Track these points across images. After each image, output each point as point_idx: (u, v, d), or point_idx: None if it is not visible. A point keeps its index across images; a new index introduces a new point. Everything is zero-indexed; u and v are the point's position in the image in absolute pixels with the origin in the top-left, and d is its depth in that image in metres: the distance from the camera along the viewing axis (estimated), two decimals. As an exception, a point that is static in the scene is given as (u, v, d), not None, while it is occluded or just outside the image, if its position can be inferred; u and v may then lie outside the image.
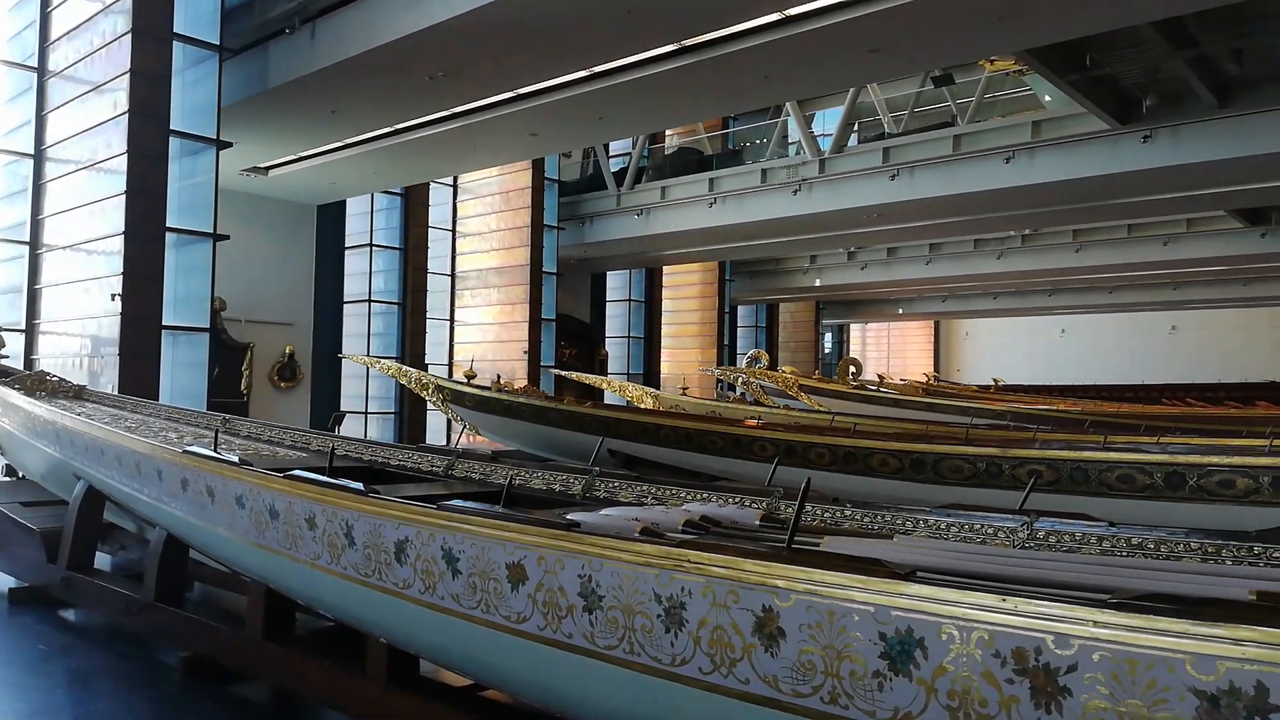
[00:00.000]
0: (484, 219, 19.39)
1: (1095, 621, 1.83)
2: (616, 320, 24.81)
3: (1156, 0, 8.58)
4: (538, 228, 18.76)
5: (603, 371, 22.03)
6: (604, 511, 3.38)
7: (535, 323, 18.55)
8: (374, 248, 17.39)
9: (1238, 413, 12.56)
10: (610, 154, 21.57)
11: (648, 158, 21.39)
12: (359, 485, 3.41)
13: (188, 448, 4.46)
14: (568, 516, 3.09)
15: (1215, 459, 5.96)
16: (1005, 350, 36.91)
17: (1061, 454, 6.59)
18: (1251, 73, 11.72)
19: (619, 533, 2.71)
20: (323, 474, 3.73)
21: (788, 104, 17.69)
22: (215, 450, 4.47)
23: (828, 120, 18.94)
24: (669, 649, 2.43)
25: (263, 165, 14.64)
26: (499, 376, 12.05)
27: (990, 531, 3.40)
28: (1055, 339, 35.62)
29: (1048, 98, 13.40)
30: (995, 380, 21.18)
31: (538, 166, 18.78)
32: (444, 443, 17.12)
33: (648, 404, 13.09)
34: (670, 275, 26.03)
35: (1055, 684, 1.86)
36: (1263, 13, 10.30)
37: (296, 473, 3.72)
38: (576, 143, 18.00)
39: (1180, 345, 32.53)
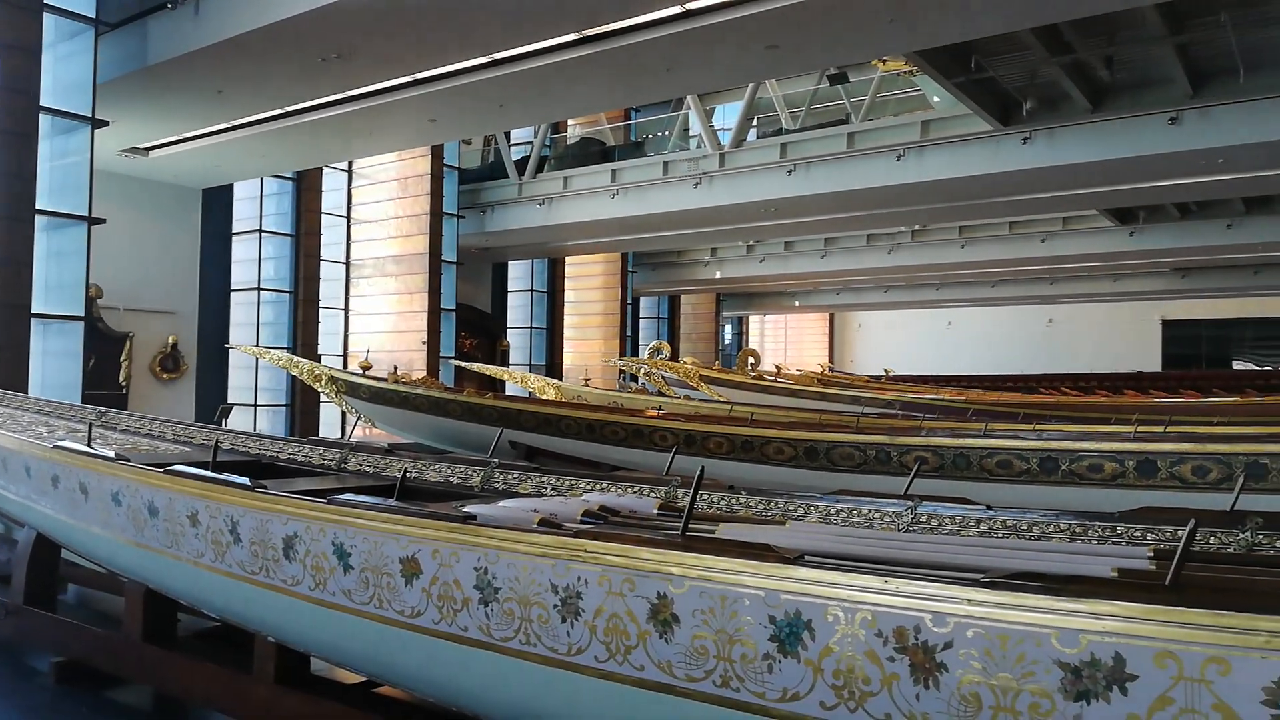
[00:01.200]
0: (381, 206, 18.92)
1: (969, 600, 1.92)
2: (518, 311, 24.61)
3: (1036, 7, 8.99)
4: (437, 215, 18.43)
5: (504, 363, 21.82)
6: (502, 503, 3.37)
7: (434, 312, 18.23)
8: (264, 234, 16.77)
9: (1107, 401, 13.31)
10: (512, 142, 21.34)
11: (550, 147, 21.25)
12: (245, 480, 3.30)
13: (59, 442, 4.23)
14: (464, 509, 3.06)
15: (1085, 445, 6.31)
16: (896, 341, 38.18)
17: (945, 441, 6.87)
18: (1122, 79, 12.42)
19: (516, 524, 2.71)
20: (206, 469, 3.59)
21: (689, 97, 17.84)
22: (89, 445, 4.25)
23: (728, 115, 19.20)
24: (565, 639, 2.44)
25: (143, 146, 13.93)
26: (395, 368, 11.80)
27: (877, 516, 3.53)
28: (942, 331, 37.05)
29: (936, 99, 13.90)
30: (886, 370, 21.90)
31: (437, 153, 18.44)
32: (338, 436, 16.69)
33: (550, 395, 13.01)
34: (573, 266, 25.97)
35: (933, 660, 1.95)
36: (1132, 22, 10.92)
37: (178, 468, 3.57)
38: (477, 130, 17.75)
39: (1057, 337, 34.29)
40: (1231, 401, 12.73)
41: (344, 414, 11.87)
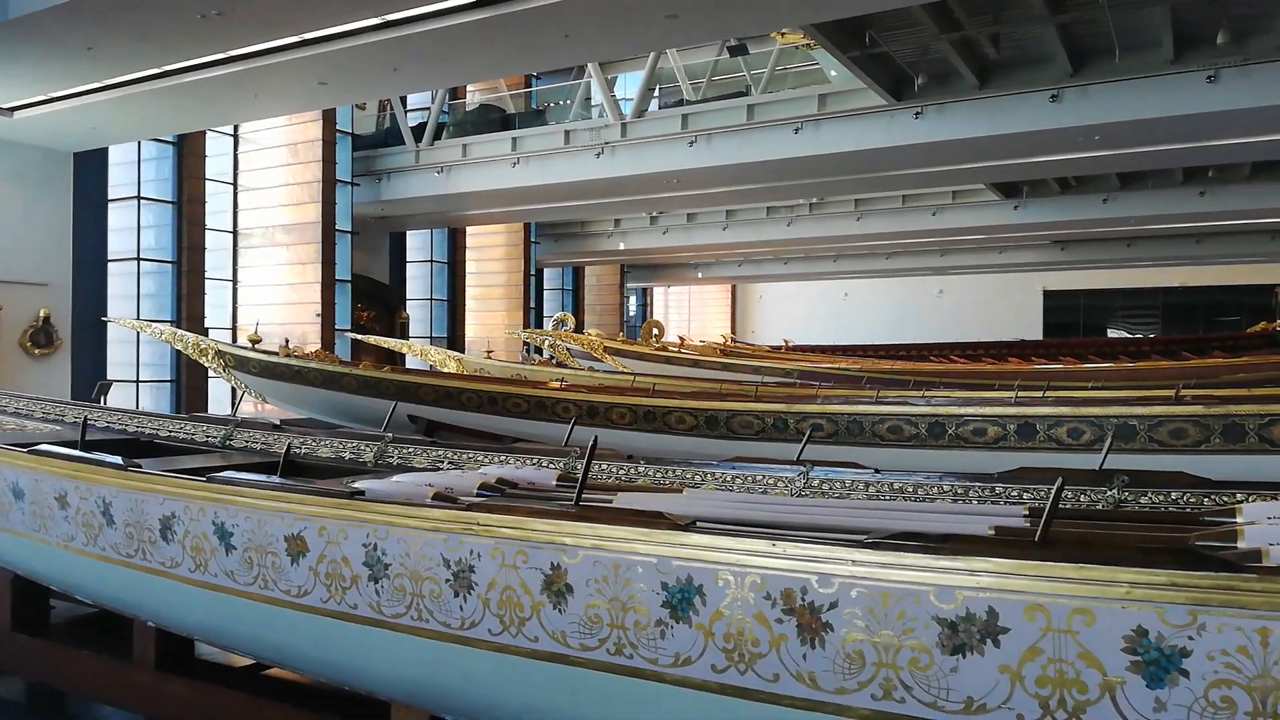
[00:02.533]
0: (270, 172, 18.16)
1: (853, 561, 1.98)
2: (418, 282, 24.06)
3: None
4: (329, 183, 17.81)
5: (404, 335, 21.34)
6: (395, 478, 3.30)
7: (329, 283, 17.67)
8: (143, 201, 15.91)
9: (992, 368, 13.91)
10: (408, 108, 20.74)
11: (448, 113, 20.74)
12: (116, 459, 3.14)
13: (-91, 423, 3.94)
14: (355, 484, 2.99)
15: (970, 410, 6.58)
16: (795, 312, 38.98)
17: (839, 408, 7.06)
18: (1008, 57, 12.85)
19: (408, 499, 2.66)
20: (76, 448, 3.40)
21: (590, 65, 17.66)
22: (-55, 425, 3.97)
23: (629, 84, 19.09)
24: (458, 613, 2.41)
25: (6, 106, 12.98)
26: (287, 340, 11.42)
27: (771, 481, 3.60)
28: (839, 302, 37.99)
29: (833, 73, 14.11)
30: (786, 341, 22.37)
31: (328, 118, 17.78)
32: (228, 413, 16.06)
33: (451, 368, 12.81)
34: (474, 236, 25.51)
35: (819, 620, 2.00)
36: (1017, 1, 11.29)
37: (44, 447, 3.37)
38: (370, 94, 17.16)
39: (947, 307, 35.57)
40: (1106, 367, 13.49)
41: (234, 390, 11.45)
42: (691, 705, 2.14)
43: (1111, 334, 33.14)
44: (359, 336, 16.29)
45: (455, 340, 23.65)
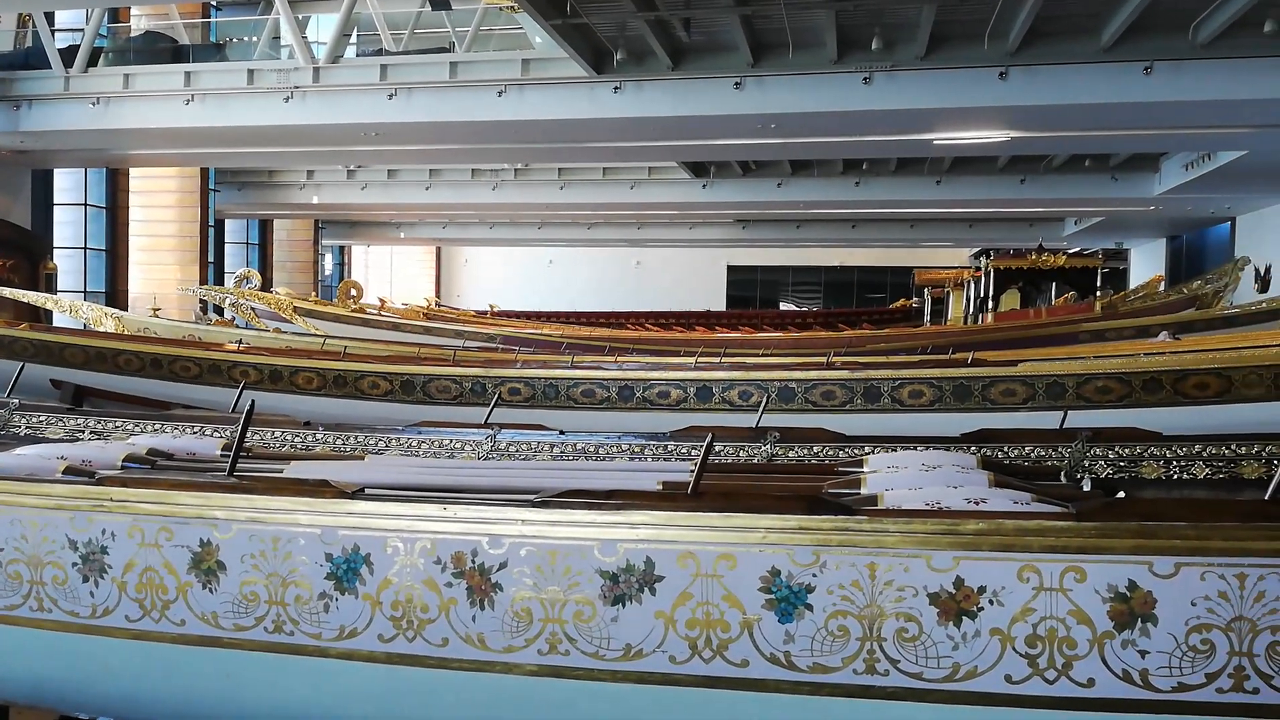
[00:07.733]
0: None
1: (523, 520, 2.02)
2: (69, 228, 21.05)
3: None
4: (-51, 107, 15.01)
5: (50, 288, 18.58)
6: (18, 450, 2.87)
7: (-51, 226, 14.95)
8: None
9: (680, 336, 14.87)
10: (56, 27, 17.92)
11: (107, 38, 18.19)
12: None
13: None
14: (-42, 459, 2.56)
15: (656, 375, 6.99)
16: (501, 278, 39.06)
17: (536, 373, 7.20)
18: (698, 42, 13.57)
19: (31, 474, 2.32)
20: None
21: (278, 0, 16.29)
22: None
23: (323, 26, 17.85)
24: (88, 600, 2.16)
25: None
26: (-114, 292, 9.55)
27: (458, 446, 3.58)
28: (544, 269, 38.60)
29: (538, 39, 14.12)
30: (491, 306, 22.38)
31: (-53, 29, 14.95)
32: None
33: (109, 326, 11.48)
34: (140, 179, 22.70)
35: (489, 581, 2.02)
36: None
37: None
38: (5, 6, 14.67)
39: (643, 278, 37.40)
40: (776, 336, 14.93)
41: None
42: (358, 678, 2.08)
43: (783, 306, 36.68)
44: (-10, 289, 13.97)
45: (115, 296, 21.05)
